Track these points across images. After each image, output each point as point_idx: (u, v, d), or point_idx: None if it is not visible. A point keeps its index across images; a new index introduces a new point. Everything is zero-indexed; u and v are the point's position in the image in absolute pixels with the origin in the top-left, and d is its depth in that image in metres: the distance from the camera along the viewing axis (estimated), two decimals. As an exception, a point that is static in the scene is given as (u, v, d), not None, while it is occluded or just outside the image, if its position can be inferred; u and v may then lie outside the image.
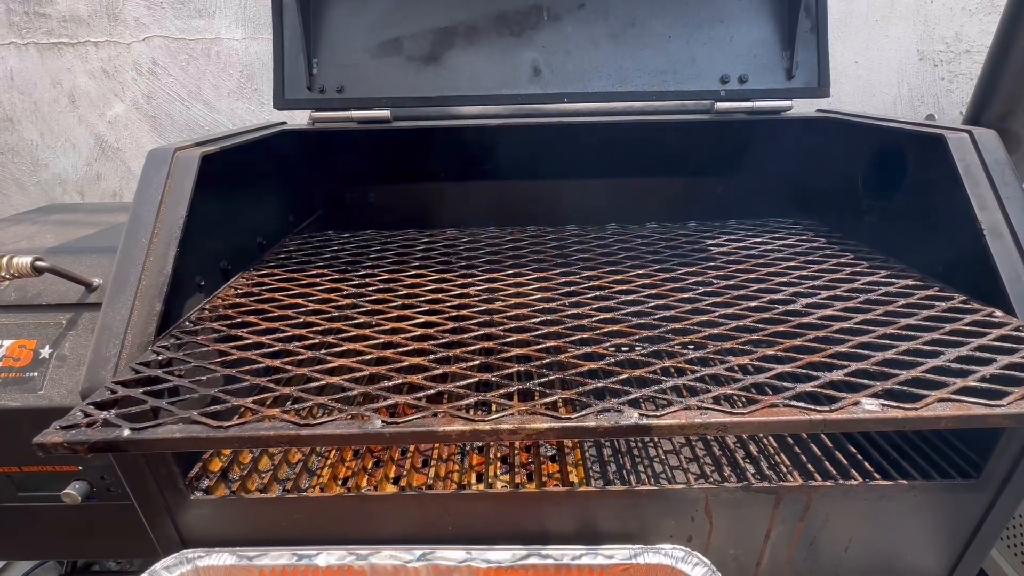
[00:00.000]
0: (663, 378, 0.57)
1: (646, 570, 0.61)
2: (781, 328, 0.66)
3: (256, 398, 0.56)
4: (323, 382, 0.59)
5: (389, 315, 0.73)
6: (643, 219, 1.08)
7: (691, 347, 0.66)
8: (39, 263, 0.73)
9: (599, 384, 0.57)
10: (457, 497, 0.66)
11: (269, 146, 1.01)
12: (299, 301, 0.77)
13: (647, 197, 1.24)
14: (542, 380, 0.58)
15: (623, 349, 0.65)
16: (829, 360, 0.60)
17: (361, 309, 0.74)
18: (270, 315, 0.73)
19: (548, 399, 0.54)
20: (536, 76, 1.13)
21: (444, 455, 0.82)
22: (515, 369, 0.61)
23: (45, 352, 0.77)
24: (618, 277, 0.83)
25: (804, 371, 0.58)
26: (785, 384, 0.56)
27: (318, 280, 0.84)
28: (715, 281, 0.81)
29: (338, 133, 1.10)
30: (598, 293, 0.77)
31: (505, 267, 0.88)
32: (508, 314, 0.72)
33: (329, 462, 0.81)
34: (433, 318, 0.72)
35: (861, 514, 0.66)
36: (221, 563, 0.62)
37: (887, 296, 0.73)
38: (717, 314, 0.70)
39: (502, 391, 0.56)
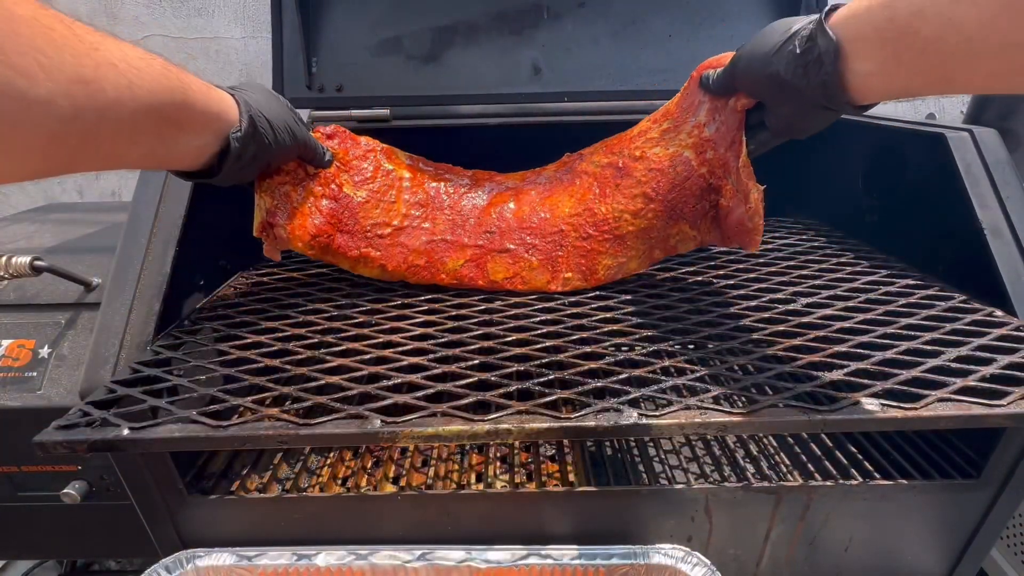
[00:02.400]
0: (663, 378, 0.57)
1: (646, 570, 0.61)
2: (781, 328, 0.66)
3: (255, 397, 0.56)
4: (322, 381, 0.58)
5: (389, 314, 0.73)
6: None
7: (691, 347, 0.66)
8: (38, 262, 0.73)
9: (599, 384, 0.57)
10: (456, 497, 0.66)
11: (268, 145, 1.01)
12: (298, 300, 0.77)
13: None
14: (541, 379, 0.58)
15: (623, 349, 0.65)
16: (829, 360, 0.60)
17: (360, 308, 0.74)
18: (269, 314, 0.73)
19: (548, 398, 0.54)
20: (536, 75, 1.13)
21: (443, 455, 0.82)
22: (514, 368, 0.61)
23: (44, 352, 0.77)
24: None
25: (804, 371, 0.58)
26: (785, 384, 0.56)
27: (317, 279, 0.84)
28: (715, 281, 0.80)
29: (337, 132, 1.10)
30: (598, 292, 0.77)
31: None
32: (508, 313, 0.72)
33: (328, 462, 0.81)
34: (432, 317, 0.71)
35: (861, 514, 0.66)
36: (221, 563, 0.62)
37: (887, 295, 0.73)
38: (717, 314, 0.70)
39: (501, 391, 0.56)
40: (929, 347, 0.61)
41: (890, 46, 0.46)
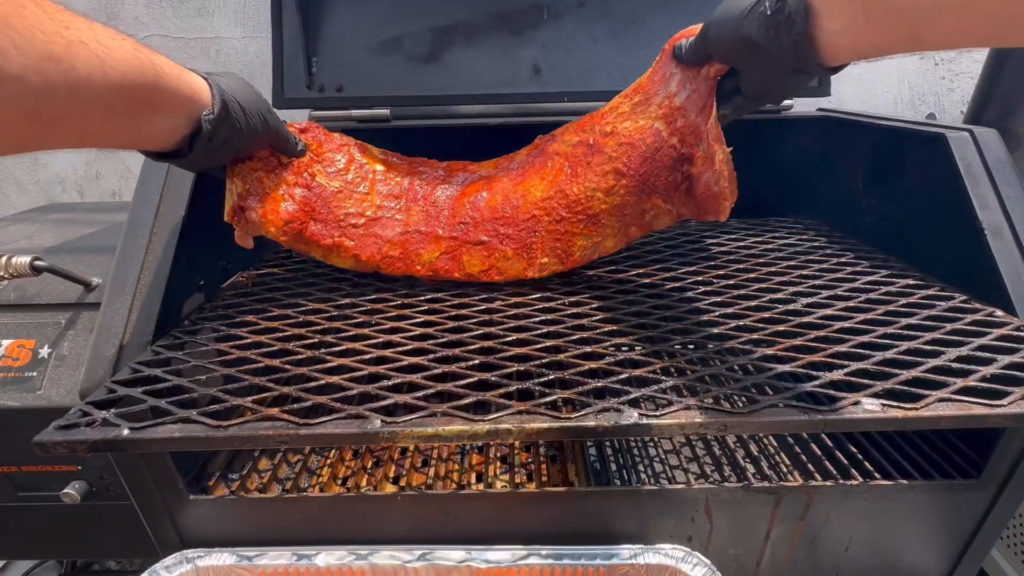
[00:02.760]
0: (663, 378, 0.57)
1: (646, 570, 0.61)
2: (781, 328, 0.66)
3: (256, 397, 0.56)
4: (323, 381, 0.58)
5: (389, 314, 0.73)
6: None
7: (691, 347, 0.66)
8: (38, 262, 0.73)
9: (599, 384, 0.57)
10: (457, 497, 0.66)
11: (268, 145, 1.01)
12: (298, 300, 0.77)
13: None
14: (542, 379, 0.58)
15: (623, 349, 0.65)
16: (829, 360, 0.60)
17: (360, 308, 0.74)
18: (269, 314, 0.73)
19: (548, 398, 0.54)
20: (536, 75, 1.13)
21: (444, 455, 0.82)
22: (515, 368, 0.61)
23: (44, 352, 0.77)
24: (618, 276, 0.83)
25: (804, 371, 0.58)
26: (785, 384, 0.56)
27: (317, 279, 0.84)
28: (715, 280, 0.80)
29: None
30: (598, 292, 0.77)
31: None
32: (507, 313, 0.72)
33: (328, 462, 0.81)
34: (432, 317, 0.71)
35: (861, 514, 0.66)
36: (221, 563, 0.62)
37: (887, 296, 0.73)
38: (717, 314, 0.70)
39: (502, 391, 0.56)
40: (929, 347, 0.61)
41: (859, 2, 0.46)
